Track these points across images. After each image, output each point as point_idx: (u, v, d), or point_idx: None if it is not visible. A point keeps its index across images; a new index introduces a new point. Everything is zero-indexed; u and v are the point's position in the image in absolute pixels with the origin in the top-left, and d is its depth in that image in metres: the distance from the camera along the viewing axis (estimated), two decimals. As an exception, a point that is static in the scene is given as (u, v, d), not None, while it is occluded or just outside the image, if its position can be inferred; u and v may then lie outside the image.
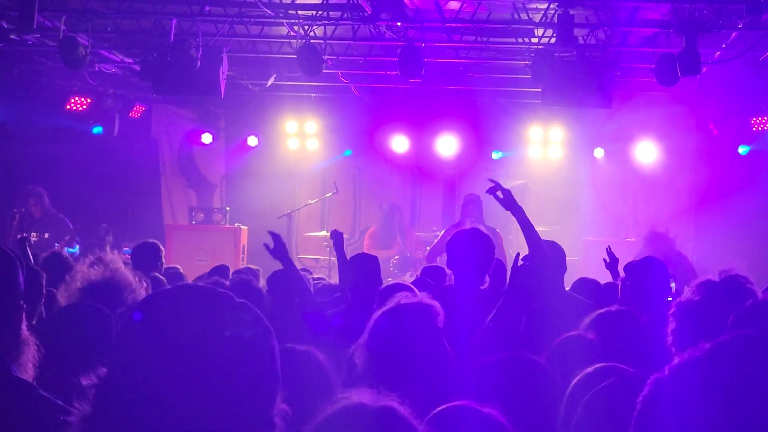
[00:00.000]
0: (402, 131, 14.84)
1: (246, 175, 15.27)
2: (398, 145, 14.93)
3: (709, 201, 13.71)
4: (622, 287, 5.34)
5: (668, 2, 9.25)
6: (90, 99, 13.50)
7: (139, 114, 14.46)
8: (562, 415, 2.71)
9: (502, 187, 5.40)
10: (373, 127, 14.92)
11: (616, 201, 14.91)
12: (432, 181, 15.52)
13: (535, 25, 10.02)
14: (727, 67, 11.03)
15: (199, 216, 14.21)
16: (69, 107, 13.41)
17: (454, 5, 9.86)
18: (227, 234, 13.76)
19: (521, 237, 5.57)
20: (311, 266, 12.88)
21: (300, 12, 9.83)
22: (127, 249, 12.13)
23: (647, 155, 14.45)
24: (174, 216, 15.18)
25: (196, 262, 12.52)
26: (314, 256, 14.10)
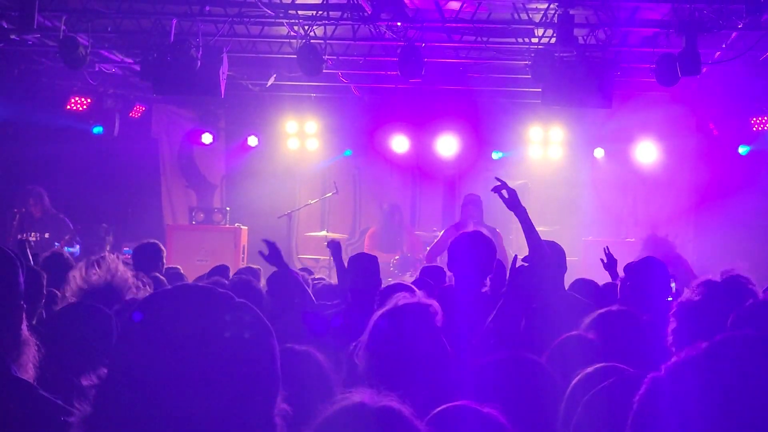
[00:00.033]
0: (402, 131, 14.84)
1: (246, 175, 15.26)
2: (398, 145, 14.93)
3: (709, 201, 13.71)
4: (622, 287, 5.34)
5: (668, 2, 9.25)
6: (90, 99, 13.50)
7: (139, 114, 14.46)
8: (562, 415, 2.71)
9: (508, 187, 5.37)
10: (373, 127, 14.92)
11: (616, 201, 14.91)
12: (432, 181, 15.51)
13: (535, 25, 10.02)
14: (727, 67, 11.03)
15: (199, 216, 14.21)
16: (69, 107, 13.41)
17: (454, 5, 9.86)
18: (227, 234, 13.75)
19: (521, 237, 5.56)
20: (311, 266, 12.87)
21: (300, 12, 9.84)
22: (127, 249, 12.14)
23: (647, 155, 14.44)
24: (174, 216, 15.18)
25: (196, 262, 12.51)
26: (314, 256, 14.09)
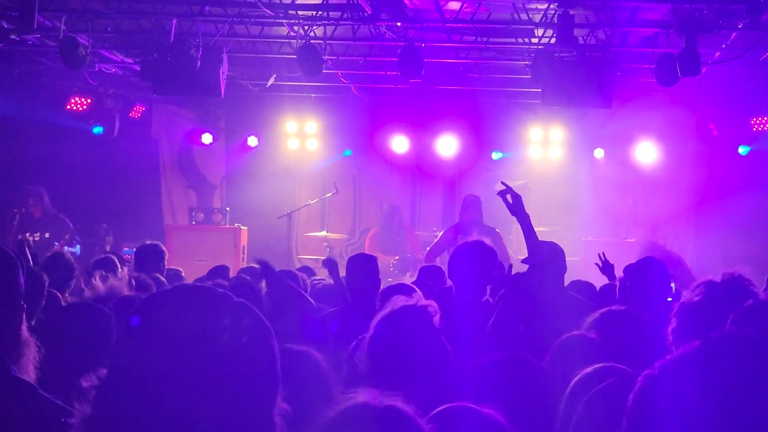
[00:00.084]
0: (402, 131, 14.83)
1: (246, 175, 15.26)
2: (398, 146, 14.92)
3: (709, 201, 13.71)
4: (621, 287, 5.34)
5: (668, 2, 9.25)
6: (90, 99, 13.51)
7: (139, 114, 14.46)
8: (561, 415, 2.71)
9: (513, 192, 5.37)
10: (373, 127, 14.91)
11: (616, 201, 14.90)
12: (432, 181, 15.51)
13: (535, 26, 10.02)
14: (727, 68, 11.03)
15: (199, 216, 14.20)
16: (69, 107, 13.41)
17: (454, 5, 9.86)
18: (227, 234, 13.75)
19: (521, 237, 5.58)
20: (311, 266, 12.85)
21: (300, 12, 9.84)
22: (127, 249, 12.13)
23: (647, 155, 14.44)
24: (174, 216, 15.17)
25: (196, 262, 12.49)
26: (314, 257, 14.08)
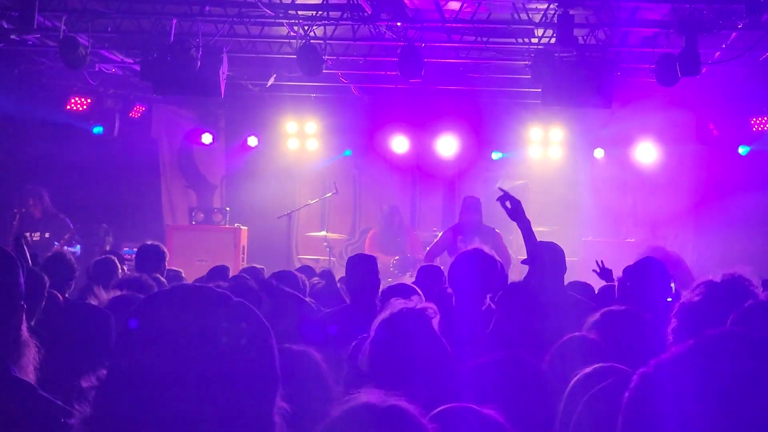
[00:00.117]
0: (402, 131, 14.83)
1: (246, 175, 15.26)
2: (398, 146, 14.92)
3: (709, 201, 13.71)
4: (620, 288, 5.34)
5: (668, 2, 9.25)
6: (90, 99, 13.50)
7: (139, 114, 14.46)
8: (561, 415, 2.71)
9: (512, 197, 5.40)
10: (373, 127, 14.91)
11: (616, 201, 14.90)
12: (432, 182, 15.50)
13: (535, 26, 10.02)
14: (727, 68, 11.03)
15: (199, 216, 14.20)
16: (69, 107, 13.41)
17: (454, 5, 9.86)
18: (227, 234, 13.74)
19: (521, 237, 5.61)
20: (312, 266, 12.85)
21: (300, 12, 9.84)
22: (127, 249, 12.13)
23: (647, 155, 14.44)
24: (174, 216, 15.17)
25: (196, 262, 12.49)
26: (314, 257, 14.08)
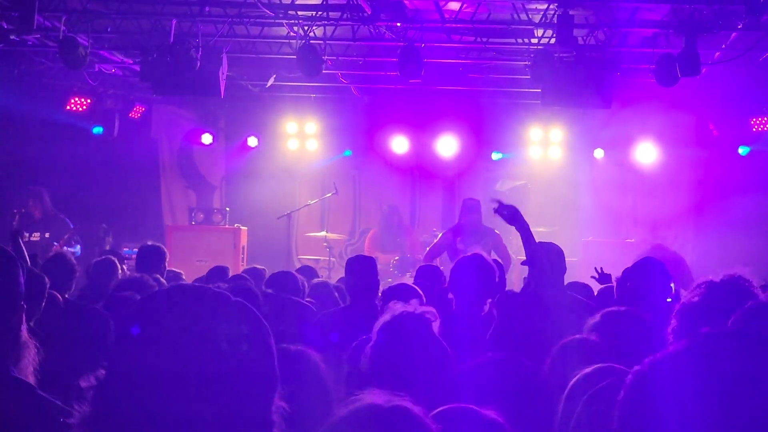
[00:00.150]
0: (402, 132, 14.84)
1: (246, 176, 15.27)
2: (398, 146, 14.93)
3: (709, 201, 13.72)
4: (619, 288, 5.33)
5: (668, 3, 9.26)
6: (90, 99, 13.51)
7: (139, 114, 14.46)
8: (560, 416, 2.71)
9: (508, 206, 5.53)
10: (373, 127, 14.91)
11: (616, 201, 14.90)
12: (432, 182, 15.51)
13: (534, 26, 10.03)
14: (726, 68, 11.03)
15: (199, 216, 14.20)
16: (69, 107, 13.41)
17: (453, 6, 9.86)
18: (227, 235, 13.74)
19: (520, 238, 5.65)
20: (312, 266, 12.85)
21: (300, 12, 9.84)
22: (127, 249, 12.13)
23: (647, 156, 14.44)
24: (174, 216, 15.17)
25: (196, 262, 12.49)
26: (314, 257, 14.09)
